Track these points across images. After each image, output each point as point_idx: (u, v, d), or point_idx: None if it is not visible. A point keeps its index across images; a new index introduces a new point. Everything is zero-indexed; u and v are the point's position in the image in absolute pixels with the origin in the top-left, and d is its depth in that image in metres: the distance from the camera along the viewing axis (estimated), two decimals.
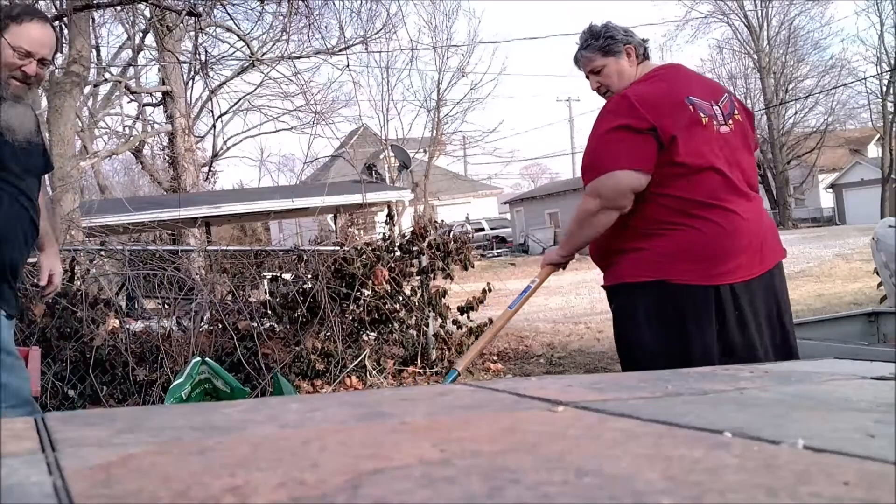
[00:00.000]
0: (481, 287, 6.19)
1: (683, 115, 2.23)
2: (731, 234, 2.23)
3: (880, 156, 30.74)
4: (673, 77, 2.38)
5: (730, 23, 33.00)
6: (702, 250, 2.22)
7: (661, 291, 2.24)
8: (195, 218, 12.77)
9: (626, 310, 2.36)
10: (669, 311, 2.23)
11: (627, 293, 2.33)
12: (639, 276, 2.28)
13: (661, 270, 2.24)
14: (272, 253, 6.58)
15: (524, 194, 37.63)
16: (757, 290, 2.28)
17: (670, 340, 2.22)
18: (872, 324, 4.66)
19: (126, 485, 0.70)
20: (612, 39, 2.42)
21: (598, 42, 2.44)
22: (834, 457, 0.80)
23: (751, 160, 2.43)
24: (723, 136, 2.30)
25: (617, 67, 2.42)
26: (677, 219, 2.24)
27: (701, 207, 2.23)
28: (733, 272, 2.23)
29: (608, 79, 2.44)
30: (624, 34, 2.45)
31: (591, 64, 2.46)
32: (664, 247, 2.25)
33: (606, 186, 2.24)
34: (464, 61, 39.00)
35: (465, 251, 6.17)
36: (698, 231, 2.23)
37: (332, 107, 20.64)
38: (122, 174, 35.69)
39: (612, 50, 2.42)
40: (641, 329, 2.28)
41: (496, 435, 0.93)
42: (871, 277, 7.29)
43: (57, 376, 4.62)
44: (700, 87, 2.35)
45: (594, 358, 6.45)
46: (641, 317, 2.28)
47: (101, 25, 17.09)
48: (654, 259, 2.26)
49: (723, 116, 2.32)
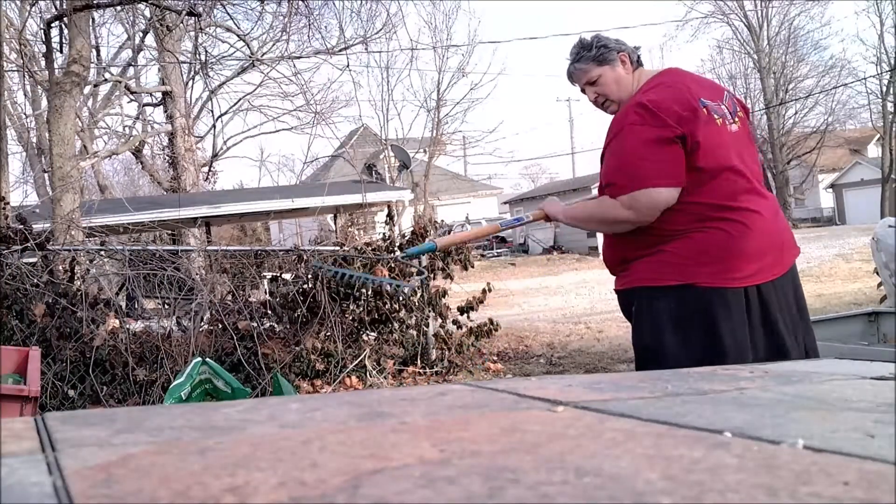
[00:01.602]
0: (481, 287, 6.20)
1: (700, 118, 2.22)
2: (755, 235, 2.21)
3: (880, 156, 30.74)
4: (679, 81, 2.35)
5: (730, 23, 33.03)
6: (727, 252, 2.19)
7: (688, 295, 2.19)
8: (195, 218, 12.77)
9: (648, 314, 2.29)
10: (699, 315, 2.19)
11: (650, 297, 2.27)
12: (663, 279, 2.23)
13: (687, 274, 2.20)
14: (272, 253, 6.58)
15: (524, 194, 37.64)
16: (781, 290, 2.26)
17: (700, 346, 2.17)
18: (872, 324, 4.66)
19: (126, 485, 0.70)
20: (605, 48, 2.40)
21: (590, 53, 2.41)
22: (834, 457, 0.80)
23: (757, 157, 2.43)
24: (734, 134, 2.29)
25: (613, 75, 2.40)
26: (700, 222, 2.22)
27: (723, 210, 2.21)
28: (759, 273, 2.21)
29: (606, 88, 2.41)
30: (616, 43, 2.43)
31: (586, 75, 2.43)
32: (688, 249, 2.21)
33: (641, 203, 2.20)
34: (464, 61, 39.14)
35: (465, 251, 6.18)
36: (723, 232, 2.20)
37: (332, 107, 20.62)
38: (122, 174, 35.67)
39: (607, 58, 2.40)
40: (666, 334, 2.22)
41: (496, 435, 0.93)
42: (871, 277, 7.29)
43: (57, 376, 4.62)
44: (704, 88, 2.34)
45: (594, 358, 6.46)
46: (666, 321, 2.23)
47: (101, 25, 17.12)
48: (678, 262, 2.21)
49: (730, 115, 2.32)
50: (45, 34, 8.86)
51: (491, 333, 6.31)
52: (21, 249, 5.12)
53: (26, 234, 5.15)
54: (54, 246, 5.66)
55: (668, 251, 2.24)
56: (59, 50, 8.84)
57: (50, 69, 8.99)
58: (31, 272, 5.06)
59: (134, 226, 10.38)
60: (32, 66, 13.27)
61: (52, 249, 5.50)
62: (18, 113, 18.58)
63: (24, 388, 2.98)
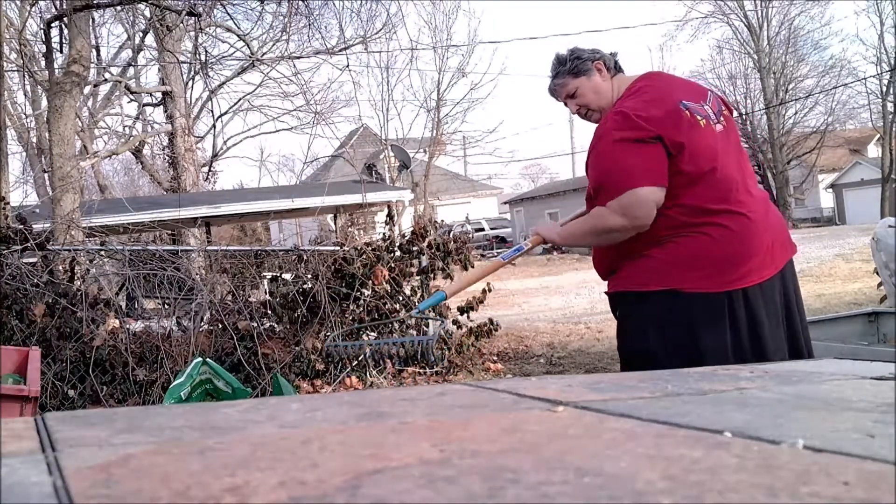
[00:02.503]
0: (481, 287, 6.19)
1: (683, 121, 2.21)
2: (742, 238, 2.20)
3: (880, 156, 30.72)
4: (658, 86, 2.35)
5: (730, 23, 32.99)
6: (713, 257, 2.19)
7: (672, 300, 2.19)
8: (195, 218, 12.76)
9: (633, 319, 2.31)
10: (680, 319, 2.19)
11: (635, 302, 2.28)
12: (648, 284, 2.24)
13: (672, 279, 2.20)
14: (272, 253, 6.58)
15: (524, 194, 37.64)
16: (769, 292, 2.25)
17: (681, 349, 2.18)
18: (872, 324, 4.67)
19: (126, 485, 0.70)
20: (578, 60, 2.42)
21: (566, 66, 2.44)
22: (834, 457, 0.80)
23: (745, 156, 2.43)
24: (719, 135, 2.27)
25: (591, 85, 2.41)
26: (686, 227, 2.21)
27: (709, 213, 2.20)
28: (745, 276, 2.20)
29: (584, 98, 2.43)
30: (591, 52, 2.44)
31: (565, 89, 2.46)
32: (674, 254, 2.21)
33: (631, 205, 2.18)
34: (464, 61, 39.04)
35: (464, 251, 6.18)
36: (708, 237, 2.20)
37: (332, 107, 20.66)
38: (122, 174, 35.68)
39: (582, 69, 2.41)
40: (650, 339, 2.23)
41: (496, 435, 0.93)
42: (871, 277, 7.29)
43: (57, 376, 4.62)
44: (686, 90, 2.33)
45: (594, 358, 6.46)
46: (650, 326, 2.24)
47: (101, 25, 17.14)
48: (664, 268, 2.22)
49: (714, 115, 2.31)
50: (45, 34, 8.87)
51: (491, 333, 6.32)
52: (21, 249, 5.12)
53: (26, 234, 5.15)
54: (54, 246, 5.67)
55: (654, 257, 2.24)
56: (59, 50, 8.84)
57: (50, 69, 9.00)
58: (31, 272, 5.06)
59: (134, 226, 10.38)
60: (32, 66, 13.28)
61: (52, 249, 5.50)
62: (18, 113, 18.59)
63: (24, 388, 2.98)
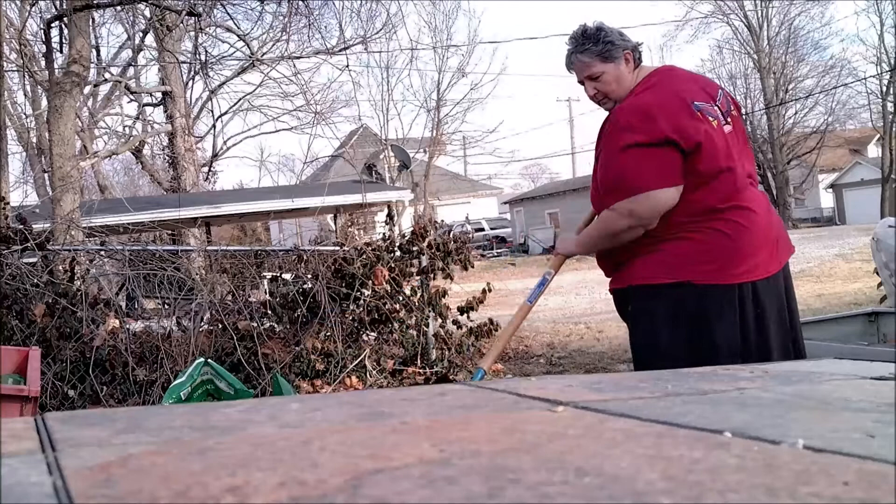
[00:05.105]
0: (481, 287, 6.19)
1: (696, 120, 2.21)
2: (751, 232, 2.22)
3: (880, 156, 30.71)
4: (673, 82, 2.34)
5: (730, 23, 32.95)
6: (724, 250, 2.20)
7: (683, 293, 2.20)
8: (195, 218, 12.76)
9: (645, 313, 2.31)
10: (692, 312, 2.20)
11: (647, 296, 2.28)
12: (659, 277, 2.24)
13: (683, 272, 2.20)
14: (272, 253, 6.57)
15: (524, 194, 37.63)
16: (774, 288, 2.27)
17: (693, 341, 2.19)
18: (872, 324, 4.66)
19: (126, 485, 0.70)
20: (611, 45, 2.33)
21: (596, 47, 2.34)
22: (834, 457, 0.80)
23: (751, 154, 2.44)
24: (728, 135, 2.28)
25: (616, 73, 2.34)
26: (696, 224, 2.22)
27: (719, 211, 2.21)
28: (754, 269, 2.22)
29: (607, 86, 2.36)
30: (621, 38, 2.37)
31: (589, 69, 2.36)
32: (685, 248, 2.22)
33: (643, 207, 2.18)
34: (464, 61, 38.91)
35: (464, 251, 6.17)
36: (720, 232, 2.21)
37: (332, 107, 20.61)
38: (122, 174, 35.63)
39: (612, 56, 2.33)
40: (662, 332, 2.24)
41: (496, 435, 0.93)
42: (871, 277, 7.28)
43: (57, 376, 4.62)
44: (698, 89, 2.32)
45: (594, 358, 6.46)
46: (662, 320, 2.24)
47: (101, 25, 17.14)
48: (675, 261, 2.22)
49: (723, 115, 2.31)
50: (45, 34, 8.87)
51: (491, 333, 6.31)
52: (21, 249, 5.12)
53: (26, 234, 5.15)
54: (54, 246, 5.66)
55: (664, 251, 2.24)
56: (59, 50, 8.84)
57: (50, 69, 8.99)
58: (31, 272, 5.06)
59: (134, 226, 10.37)
60: (32, 66, 13.27)
61: (52, 249, 5.50)
62: (18, 113, 18.60)
63: (24, 388, 2.97)
